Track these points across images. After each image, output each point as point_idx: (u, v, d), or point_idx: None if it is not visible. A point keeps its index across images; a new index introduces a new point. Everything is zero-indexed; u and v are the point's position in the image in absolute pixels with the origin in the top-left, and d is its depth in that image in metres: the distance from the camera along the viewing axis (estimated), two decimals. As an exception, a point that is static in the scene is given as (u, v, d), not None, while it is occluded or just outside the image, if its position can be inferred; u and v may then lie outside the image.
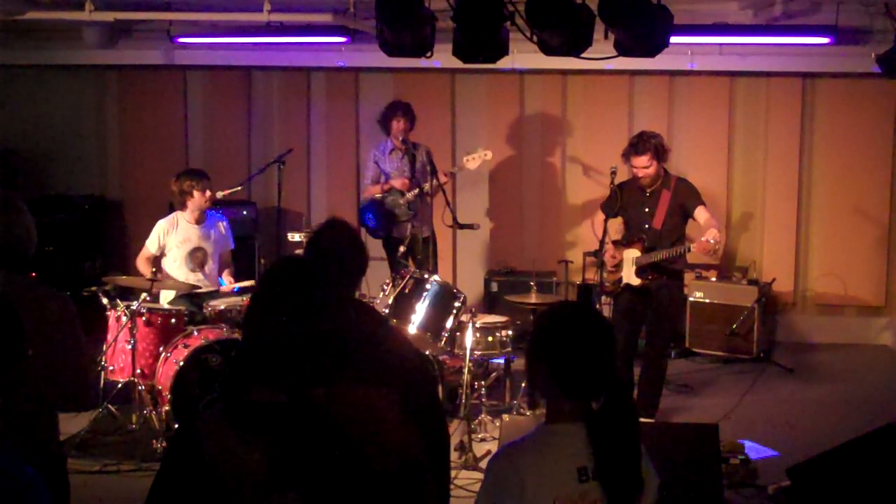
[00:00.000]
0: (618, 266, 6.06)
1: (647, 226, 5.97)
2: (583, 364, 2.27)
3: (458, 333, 5.80)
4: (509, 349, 6.21)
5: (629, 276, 5.98)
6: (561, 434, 2.25)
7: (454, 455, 5.33)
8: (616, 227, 6.26)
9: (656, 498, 2.37)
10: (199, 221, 6.49)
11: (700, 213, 5.91)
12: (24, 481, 1.73)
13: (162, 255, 6.45)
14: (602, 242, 6.08)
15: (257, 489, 1.82)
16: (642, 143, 5.84)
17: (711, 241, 5.61)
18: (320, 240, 3.22)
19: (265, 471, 1.82)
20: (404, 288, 5.63)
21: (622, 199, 6.07)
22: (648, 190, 5.98)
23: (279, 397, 1.90)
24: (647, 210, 5.98)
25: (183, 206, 6.46)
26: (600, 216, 6.25)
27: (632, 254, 5.98)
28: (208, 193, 6.42)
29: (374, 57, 6.55)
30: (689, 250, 5.86)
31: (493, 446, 5.27)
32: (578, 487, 2.18)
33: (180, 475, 1.89)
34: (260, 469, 1.82)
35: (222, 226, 6.66)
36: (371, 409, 2.07)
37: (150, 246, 6.44)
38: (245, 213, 8.22)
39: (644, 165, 5.85)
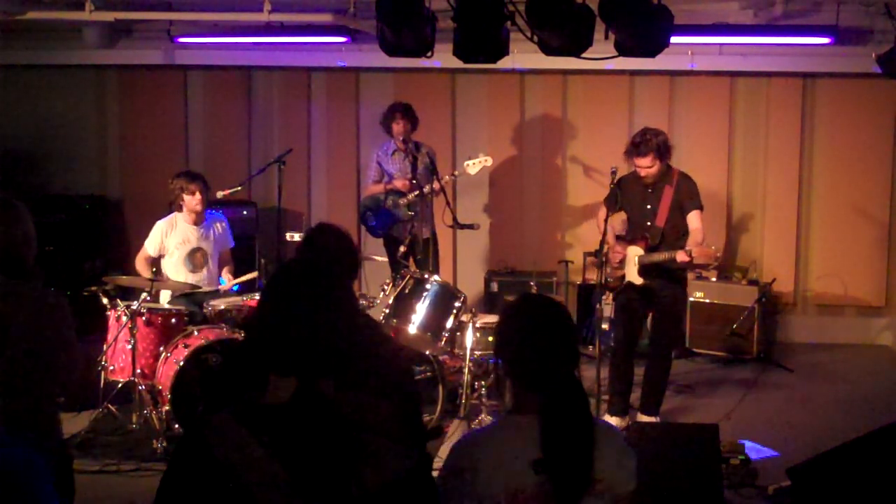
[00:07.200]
0: (622, 262, 6.04)
1: (649, 223, 5.93)
2: (533, 357, 2.29)
3: (458, 333, 5.80)
4: (509, 349, 6.19)
5: (632, 275, 5.95)
6: (517, 425, 2.27)
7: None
8: (618, 222, 6.25)
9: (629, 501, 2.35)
10: (197, 222, 6.49)
11: (692, 219, 5.84)
12: (25, 464, 1.73)
13: (161, 256, 6.45)
14: (602, 240, 6.07)
15: (284, 494, 1.82)
16: (645, 143, 5.77)
17: (713, 248, 5.57)
18: (315, 242, 3.23)
19: (285, 475, 1.82)
20: (404, 288, 5.63)
21: (622, 195, 6.05)
22: (650, 186, 5.95)
23: (290, 388, 1.90)
24: (649, 207, 5.93)
25: (180, 208, 6.46)
26: (603, 211, 6.21)
27: (635, 251, 5.95)
28: (198, 195, 6.36)
29: (374, 57, 6.56)
30: (690, 255, 5.67)
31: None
32: (533, 479, 2.19)
33: (193, 483, 1.87)
34: (280, 473, 1.82)
35: (221, 225, 6.66)
36: (375, 418, 2.07)
37: (149, 247, 6.45)
38: (245, 213, 8.22)
39: (647, 166, 5.81)
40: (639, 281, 5.92)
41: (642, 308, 6.04)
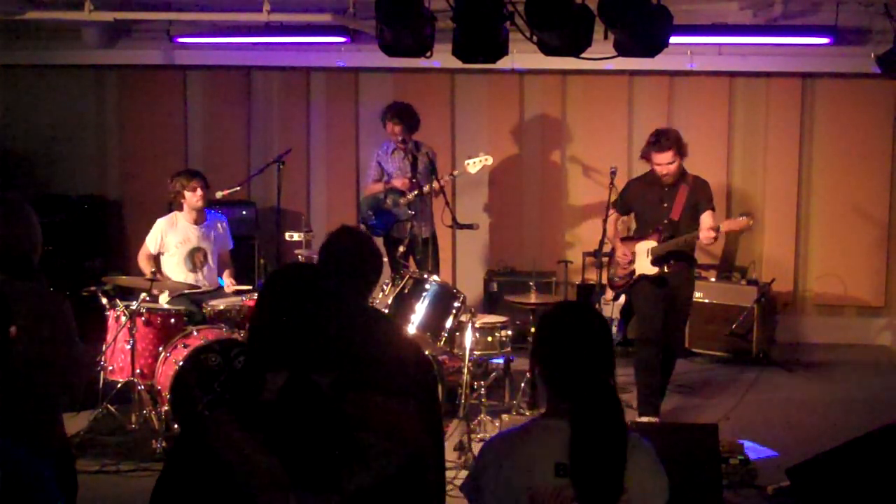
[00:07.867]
0: (631, 262, 6.04)
1: (666, 221, 5.92)
2: (566, 363, 2.29)
3: (457, 333, 5.79)
4: (509, 349, 6.21)
5: (644, 267, 5.95)
6: (547, 428, 2.27)
7: (454, 455, 5.34)
8: (619, 223, 6.26)
9: None
10: (197, 221, 6.50)
11: (705, 218, 5.86)
12: (32, 473, 1.73)
13: (161, 253, 6.46)
14: (602, 241, 6.07)
15: (279, 489, 1.82)
16: (665, 139, 5.81)
17: (743, 217, 5.65)
18: (336, 245, 3.22)
19: (283, 470, 1.83)
20: (404, 288, 5.63)
21: (630, 198, 6.09)
22: (667, 185, 5.94)
23: (282, 381, 1.91)
24: (665, 205, 5.94)
25: (180, 207, 6.47)
26: (613, 214, 6.23)
27: (647, 245, 5.95)
28: (199, 191, 6.38)
29: (373, 57, 6.55)
30: (718, 229, 5.74)
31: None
32: (553, 482, 2.18)
33: (191, 481, 1.88)
34: (278, 469, 1.83)
35: (221, 225, 6.67)
36: (390, 418, 2.07)
37: (150, 245, 6.47)
38: (244, 213, 8.22)
39: (668, 161, 5.82)
40: (652, 271, 5.90)
41: (661, 297, 5.99)
